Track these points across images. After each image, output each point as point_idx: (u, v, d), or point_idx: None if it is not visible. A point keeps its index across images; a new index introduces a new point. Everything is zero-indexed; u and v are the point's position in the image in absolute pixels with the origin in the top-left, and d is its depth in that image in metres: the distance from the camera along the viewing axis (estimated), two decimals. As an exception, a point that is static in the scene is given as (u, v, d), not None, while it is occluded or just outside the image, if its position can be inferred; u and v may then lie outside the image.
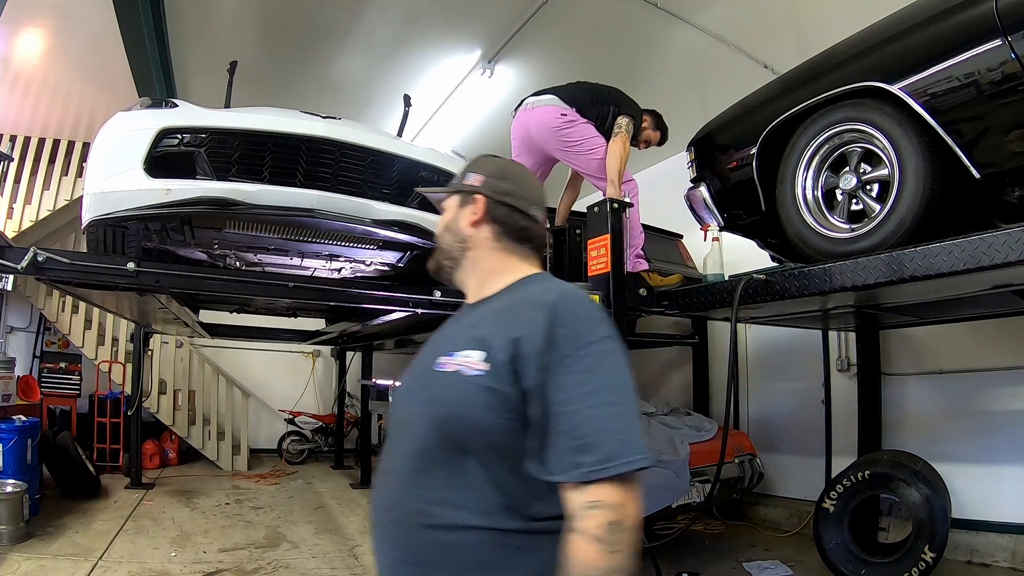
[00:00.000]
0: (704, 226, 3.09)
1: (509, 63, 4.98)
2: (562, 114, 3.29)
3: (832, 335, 4.70)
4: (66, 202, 6.24)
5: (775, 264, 3.27)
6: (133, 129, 2.32)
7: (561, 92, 3.38)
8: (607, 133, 3.29)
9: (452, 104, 5.67)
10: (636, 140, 3.49)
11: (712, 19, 4.42)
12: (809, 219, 2.43)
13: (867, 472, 3.52)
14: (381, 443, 6.73)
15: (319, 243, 2.83)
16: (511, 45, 4.77)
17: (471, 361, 1.00)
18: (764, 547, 4.30)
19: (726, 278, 2.93)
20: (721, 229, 3.03)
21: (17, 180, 6.17)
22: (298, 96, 4.97)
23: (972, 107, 1.90)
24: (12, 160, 6.07)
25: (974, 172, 1.94)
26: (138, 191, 2.26)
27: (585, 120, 3.30)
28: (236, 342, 7.14)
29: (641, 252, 3.34)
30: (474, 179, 1.21)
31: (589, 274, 2.84)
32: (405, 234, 2.62)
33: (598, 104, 3.34)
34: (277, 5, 4.44)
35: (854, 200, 2.33)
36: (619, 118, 3.29)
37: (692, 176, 3.07)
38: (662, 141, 3.70)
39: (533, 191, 1.23)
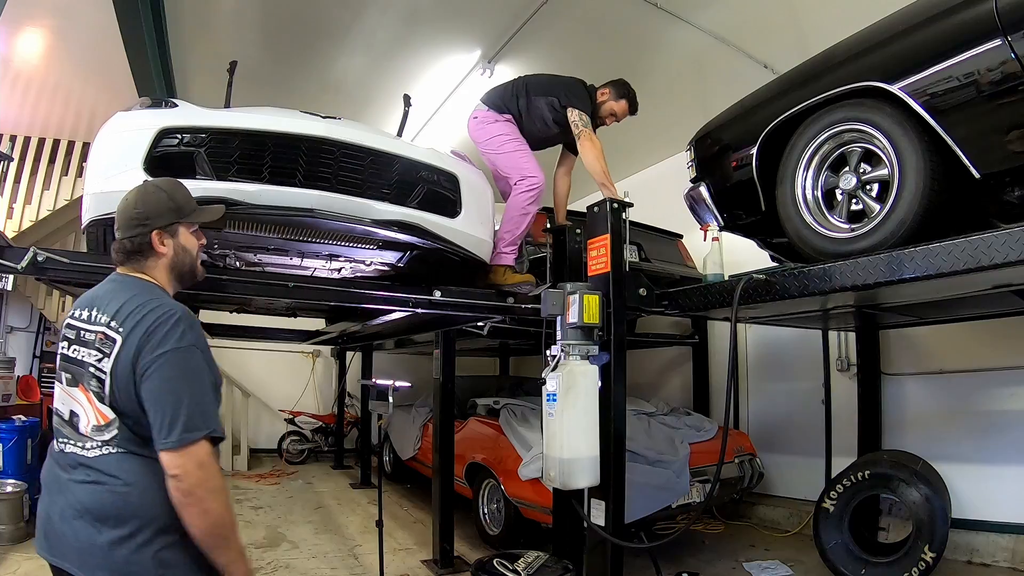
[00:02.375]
0: (704, 226, 3.09)
1: (509, 63, 4.97)
2: (473, 117, 3.24)
3: (832, 335, 4.70)
4: (66, 202, 6.22)
5: (775, 264, 3.27)
6: (133, 129, 2.32)
7: (483, 96, 3.32)
8: (537, 124, 3.19)
9: (452, 104, 5.67)
10: (598, 117, 3.30)
11: (712, 19, 4.42)
12: (809, 219, 2.43)
13: (867, 472, 3.52)
14: (381, 443, 6.73)
15: (319, 243, 2.83)
16: (511, 45, 4.78)
17: None
18: (764, 547, 4.30)
19: (726, 278, 2.93)
20: (721, 229, 3.02)
21: (17, 180, 6.16)
22: (298, 96, 4.98)
23: (972, 107, 1.90)
24: (12, 160, 6.06)
25: (974, 172, 1.94)
26: (138, 191, 2.27)
27: (500, 118, 3.17)
28: (236, 342, 7.13)
29: (513, 248, 3.18)
30: None
31: (589, 274, 2.85)
32: (405, 234, 2.62)
33: (517, 94, 3.22)
34: (277, 5, 4.44)
35: (854, 200, 2.33)
36: (569, 114, 3.11)
37: (692, 176, 3.06)
38: (633, 110, 3.36)
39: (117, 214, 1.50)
